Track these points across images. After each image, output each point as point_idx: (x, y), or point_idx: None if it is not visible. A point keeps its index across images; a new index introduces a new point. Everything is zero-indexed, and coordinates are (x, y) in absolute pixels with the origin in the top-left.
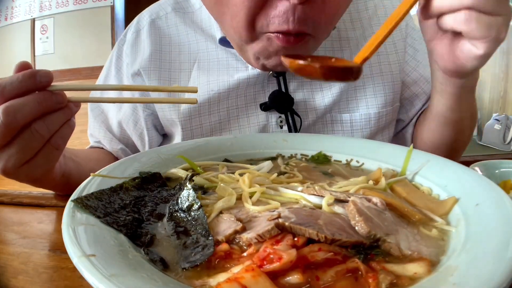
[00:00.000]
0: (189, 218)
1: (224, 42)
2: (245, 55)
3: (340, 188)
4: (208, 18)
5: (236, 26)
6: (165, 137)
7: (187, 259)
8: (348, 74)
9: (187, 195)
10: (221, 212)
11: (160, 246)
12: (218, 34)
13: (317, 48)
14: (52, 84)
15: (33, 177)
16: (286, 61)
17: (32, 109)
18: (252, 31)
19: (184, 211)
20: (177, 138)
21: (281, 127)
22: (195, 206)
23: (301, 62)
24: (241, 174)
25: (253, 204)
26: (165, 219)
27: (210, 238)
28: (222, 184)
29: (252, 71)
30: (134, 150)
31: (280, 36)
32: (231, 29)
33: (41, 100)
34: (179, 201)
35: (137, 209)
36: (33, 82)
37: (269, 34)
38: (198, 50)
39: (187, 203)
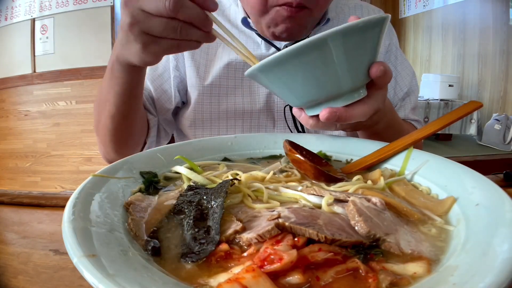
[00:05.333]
0: (213, 205)
1: (245, 23)
2: (259, 26)
3: (340, 187)
4: (235, 14)
5: (253, 3)
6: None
7: (189, 253)
8: (332, 180)
9: (220, 187)
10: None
11: (167, 234)
12: (240, 18)
13: (314, 22)
14: None
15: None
16: (286, 149)
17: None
18: (265, 5)
19: (211, 200)
20: (192, 104)
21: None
22: (220, 199)
23: (298, 155)
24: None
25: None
26: (193, 205)
27: (217, 235)
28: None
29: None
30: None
31: (286, 7)
32: (249, 5)
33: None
34: (212, 191)
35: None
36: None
37: (277, 7)
38: None
39: (217, 193)
